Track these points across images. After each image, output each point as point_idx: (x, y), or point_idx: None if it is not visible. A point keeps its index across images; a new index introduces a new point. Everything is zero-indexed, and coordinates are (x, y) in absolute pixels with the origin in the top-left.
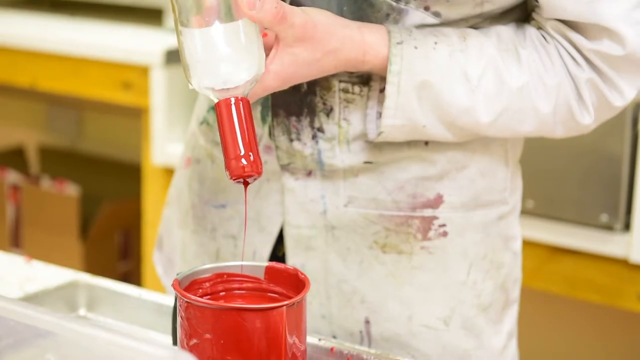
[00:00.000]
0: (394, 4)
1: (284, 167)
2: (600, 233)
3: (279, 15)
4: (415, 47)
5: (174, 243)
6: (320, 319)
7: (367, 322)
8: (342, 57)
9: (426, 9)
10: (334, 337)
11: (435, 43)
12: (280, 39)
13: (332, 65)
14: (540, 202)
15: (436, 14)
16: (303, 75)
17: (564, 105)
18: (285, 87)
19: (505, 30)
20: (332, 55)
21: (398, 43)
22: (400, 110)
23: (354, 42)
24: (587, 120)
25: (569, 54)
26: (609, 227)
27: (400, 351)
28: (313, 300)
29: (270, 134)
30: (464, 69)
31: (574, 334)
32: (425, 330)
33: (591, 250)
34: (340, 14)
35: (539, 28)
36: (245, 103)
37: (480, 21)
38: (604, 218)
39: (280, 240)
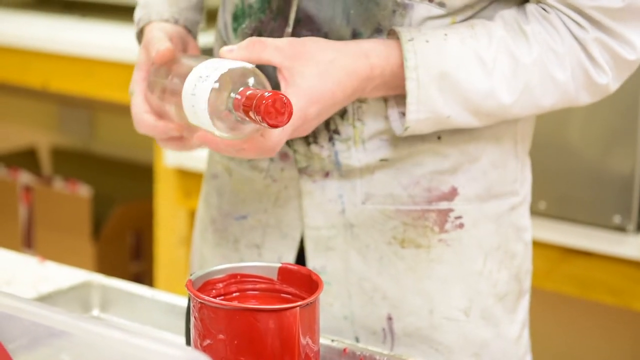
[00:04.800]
0: (398, 0)
1: (302, 170)
2: (612, 234)
3: (255, 44)
4: (427, 41)
5: (194, 261)
6: (343, 320)
7: (390, 318)
8: (346, 66)
9: (430, 0)
10: (357, 338)
11: (445, 34)
12: (280, 70)
13: (342, 74)
14: (552, 204)
15: (441, 4)
16: (325, 88)
17: (579, 69)
18: (321, 106)
19: (508, 13)
20: (333, 65)
21: (409, 40)
22: (423, 104)
23: (349, 47)
24: (604, 79)
25: (571, 18)
26: (621, 229)
27: (423, 345)
28: (334, 302)
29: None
30: (478, 53)
31: (586, 335)
32: (447, 323)
33: (604, 251)
34: (347, 17)
35: (539, 2)
36: None
37: (486, 5)
38: (617, 219)
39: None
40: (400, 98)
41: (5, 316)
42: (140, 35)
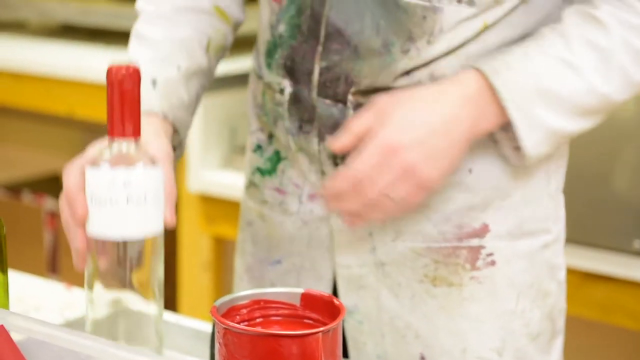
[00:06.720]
0: (426, 4)
1: None
2: (633, 259)
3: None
4: (509, 68)
5: None
6: (376, 359)
7: (423, 358)
8: (438, 92)
9: (459, 1)
10: None
11: (524, 53)
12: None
13: (435, 97)
14: (573, 228)
15: (470, 3)
16: (424, 114)
17: None
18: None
19: (572, 8)
20: (419, 96)
21: (495, 74)
22: (535, 128)
23: (425, 85)
24: None
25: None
26: None
27: None
28: (368, 341)
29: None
30: (561, 57)
31: None
32: None
33: (624, 276)
34: (377, 28)
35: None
36: None
37: (517, 4)
38: (637, 244)
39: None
40: (510, 132)
41: (35, 342)
42: None
